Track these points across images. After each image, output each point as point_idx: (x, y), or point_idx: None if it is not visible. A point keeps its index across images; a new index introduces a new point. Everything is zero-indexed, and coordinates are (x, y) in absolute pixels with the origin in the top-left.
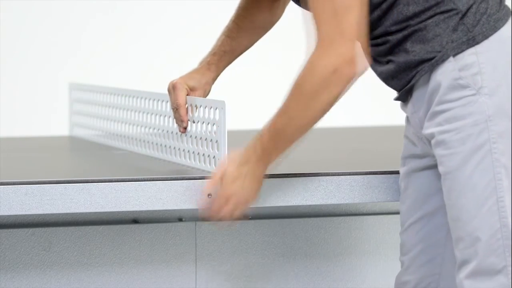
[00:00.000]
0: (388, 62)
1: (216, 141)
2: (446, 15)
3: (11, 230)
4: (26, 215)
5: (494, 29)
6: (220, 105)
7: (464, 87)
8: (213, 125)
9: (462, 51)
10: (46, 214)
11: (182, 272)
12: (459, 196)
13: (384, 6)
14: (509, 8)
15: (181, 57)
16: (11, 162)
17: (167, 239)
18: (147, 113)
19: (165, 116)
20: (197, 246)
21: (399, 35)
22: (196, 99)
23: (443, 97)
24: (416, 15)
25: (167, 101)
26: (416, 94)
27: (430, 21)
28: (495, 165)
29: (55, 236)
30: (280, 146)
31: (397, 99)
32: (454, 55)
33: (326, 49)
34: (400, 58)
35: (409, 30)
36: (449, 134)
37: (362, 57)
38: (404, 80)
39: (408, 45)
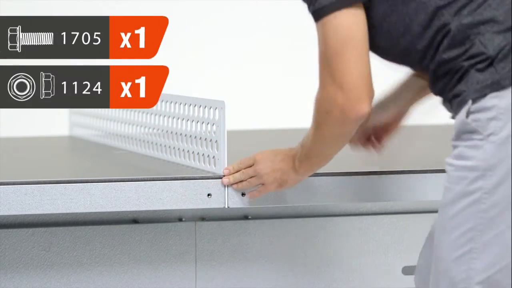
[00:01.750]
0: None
1: (216, 141)
2: (477, 59)
3: (11, 230)
4: (26, 215)
5: None
6: (219, 105)
7: (471, 132)
8: (213, 125)
9: (485, 94)
10: (46, 214)
11: (182, 272)
12: (440, 232)
13: (429, 51)
14: None
15: (181, 57)
16: (11, 162)
17: (167, 239)
18: (147, 113)
19: (165, 116)
20: (197, 246)
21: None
22: (196, 99)
23: (458, 134)
24: (454, 58)
25: (167, 102)
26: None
27: (465, 63)
28: (479, 216)
29: (55, 236)
30: (308, 168)
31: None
32: (473, 99)
33: (321, 93)
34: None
35: (449, 70)
36: (452, 168)
37: (358, 102)
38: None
39: (445, 80)
